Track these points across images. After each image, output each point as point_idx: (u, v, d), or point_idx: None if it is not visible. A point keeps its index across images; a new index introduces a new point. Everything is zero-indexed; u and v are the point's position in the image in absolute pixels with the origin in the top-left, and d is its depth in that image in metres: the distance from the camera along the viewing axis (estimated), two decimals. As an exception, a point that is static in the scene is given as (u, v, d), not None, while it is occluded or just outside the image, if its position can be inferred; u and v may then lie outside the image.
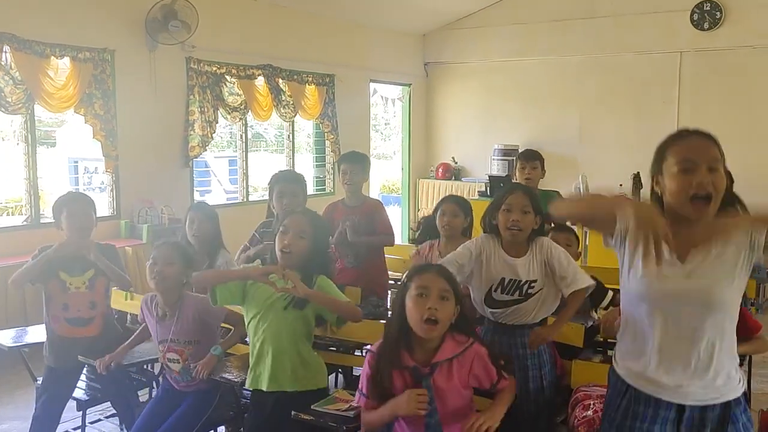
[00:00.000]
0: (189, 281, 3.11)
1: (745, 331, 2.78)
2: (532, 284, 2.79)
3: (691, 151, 1.90)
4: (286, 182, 3.85)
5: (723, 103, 8.16)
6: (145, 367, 3.69)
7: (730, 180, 2.18)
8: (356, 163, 4.23)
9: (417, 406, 2.21)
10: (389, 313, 3.90)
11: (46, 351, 3.49)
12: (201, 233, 3.68)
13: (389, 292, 4.45)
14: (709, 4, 8.02)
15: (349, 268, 4.18)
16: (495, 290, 2.81)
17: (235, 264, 3.73)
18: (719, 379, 1.94)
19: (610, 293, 3.43)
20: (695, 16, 8.10)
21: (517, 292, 2.79)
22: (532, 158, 4.57)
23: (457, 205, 3.71)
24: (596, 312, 3.48)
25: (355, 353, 3.66)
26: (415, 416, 2.24)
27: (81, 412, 3.56)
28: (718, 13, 7.98)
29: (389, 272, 4.56)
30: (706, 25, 8.08)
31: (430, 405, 2.24)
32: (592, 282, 2.79)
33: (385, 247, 4.37)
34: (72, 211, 3.39)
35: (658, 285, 1.94)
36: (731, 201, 2.10)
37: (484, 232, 2.94)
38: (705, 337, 1.93)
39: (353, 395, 2.68)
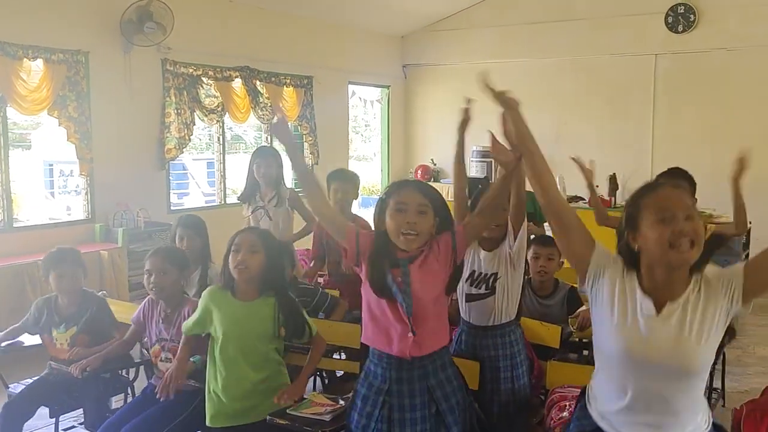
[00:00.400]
0: (186, 284, 3.31)
1: None
2: (497, 277, 2.84)
3: (665, 200, 1.92)
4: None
5: (697, 104, 8.27)
6: (119, 373, 3.65)
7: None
8: (347, 182, 4.28)
9: None
10: None
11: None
12: (191, 249, 3.77)
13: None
14: (683, 7, 8.12)
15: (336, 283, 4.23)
16: (467, 282, 2.86)
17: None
18: (688, 428, 1.94)
19: (584, 307, 3.51)
20: (669, 19, 8.20)
21: (484, 285, 2.85)
22: None
23: None
24: (569, 324, 3.54)
25: (333, 356, 3.66)
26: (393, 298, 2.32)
27: (54, 419, 3.51)
28: (692, 15, 8.09)
29: None
30: (680, 28, 8.18)
31: (407, 290, 2.31)
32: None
33: None
34: (61, 273, 3.46)
35: (633, 344, 1.91)
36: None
37: None
38: (677, 392, 1.91)
39: (329, 399, 2.68)
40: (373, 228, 2.46)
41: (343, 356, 3.81)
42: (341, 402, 2.66)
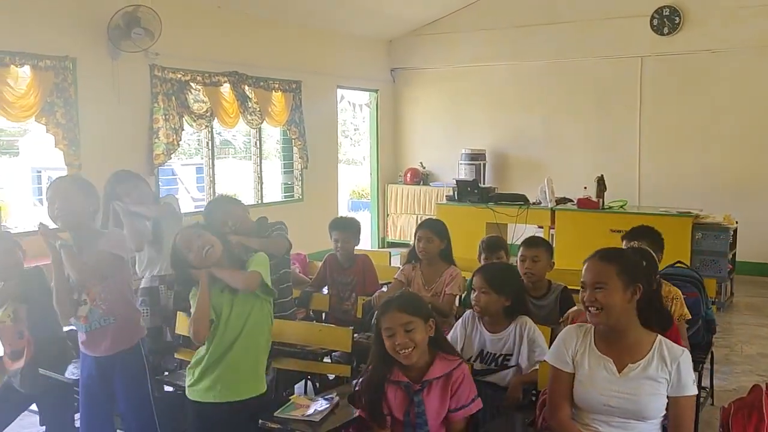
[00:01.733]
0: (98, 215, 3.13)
1: None
2: (508, 357, 3.00)
3: (583, 274, 2.37)
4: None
5: (683, 106, 8.35)
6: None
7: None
8: (347, 230, 4.40)
9: None
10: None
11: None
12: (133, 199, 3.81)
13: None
14: (668, 9, 8.19)
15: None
16: (475, 361, 3.01)
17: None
18: None
19: (575, 307, 3.55)
20: (655, 21, 8.27)
21: (493, 363, 3.01)
22: (496, 248, 4.31)
23: (431, 230, 3.95)
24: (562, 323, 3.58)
25: (324, 360, 3.67)
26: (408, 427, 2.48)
27: (45, 427, 3.49)
28: (677, 18, 8.16)
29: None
30: (665, 30, 8.25)
31: (422, 418, 2.46)
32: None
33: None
34: None
35: (598, 399, 2.31)
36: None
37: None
38: None
39: (312, 399, 2.72)
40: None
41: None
42: (323, 401, 2.69)
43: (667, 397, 2.27)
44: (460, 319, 3.19)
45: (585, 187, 7.47)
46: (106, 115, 6.36)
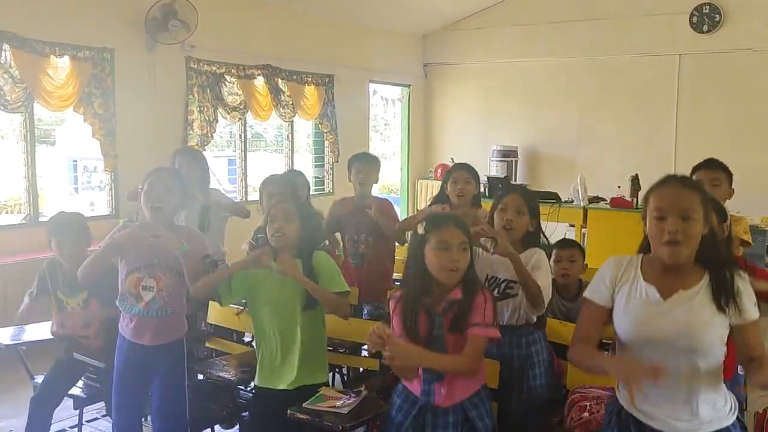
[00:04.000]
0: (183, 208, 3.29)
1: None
2: (511, 284, 2.82)
3: (664, 200, 2.01)
4: (276, 185, 3.99)
5: (722, 105, 8.18)
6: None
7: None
8: (369, 165, 4.28)
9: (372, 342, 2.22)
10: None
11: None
12: (189, 179, 3.83)
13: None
14: (708, 7, 8.04)
15: (352, 267, 4.22)
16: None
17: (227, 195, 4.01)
18: (705, 413, 2.00)
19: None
20: (694, 19, 8.12)
21: (496, 290, 2.83)
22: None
23: (468, 172, 3.81)
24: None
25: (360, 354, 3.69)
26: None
27: (78, 411, 3.56)
28: (717, 15, 8.00)
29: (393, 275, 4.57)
30: (705, 28, 8.10)
31: (441, 340, 2.41)
32: (543, 309, 2.84)
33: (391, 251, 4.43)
34: (60, 240, 3.43)
35: (641, 328, 2.03)
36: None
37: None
38: (688, 374, 1.99)
39: (341, 392, 2.73)
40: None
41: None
42: (352, 394, 2.70)
43: (730, 326, 2.00)
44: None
45: (618, 186, 7.36)
46: (143, 106, 6.44)
